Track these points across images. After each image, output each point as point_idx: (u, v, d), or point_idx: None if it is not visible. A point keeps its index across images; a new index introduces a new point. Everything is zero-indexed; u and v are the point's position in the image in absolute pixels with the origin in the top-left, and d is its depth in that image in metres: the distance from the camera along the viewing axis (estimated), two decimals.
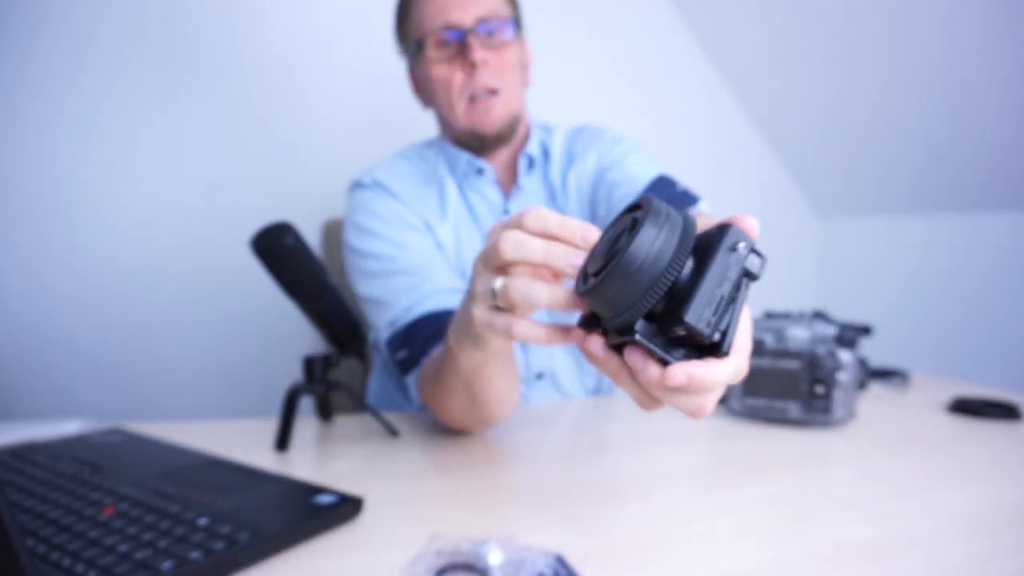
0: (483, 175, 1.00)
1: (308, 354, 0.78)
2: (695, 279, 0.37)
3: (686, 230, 0.38)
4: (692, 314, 0.36)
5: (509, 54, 0.95)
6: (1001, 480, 0.66)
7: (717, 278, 0.37)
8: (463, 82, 0.93)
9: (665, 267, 0.36)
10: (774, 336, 0.83)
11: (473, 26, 0.92)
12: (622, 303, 0.37)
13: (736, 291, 0.38)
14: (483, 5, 0.93)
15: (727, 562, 0.48)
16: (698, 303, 0.36)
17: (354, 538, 0.52)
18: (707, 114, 2.02)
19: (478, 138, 0.97)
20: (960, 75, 1.46)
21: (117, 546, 0.45)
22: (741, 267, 0.38)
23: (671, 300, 0.37)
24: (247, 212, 1.51)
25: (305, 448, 0.75)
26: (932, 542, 0.52)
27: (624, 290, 0.37)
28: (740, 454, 0.75)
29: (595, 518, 0.57)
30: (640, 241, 0.36)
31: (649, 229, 0.36)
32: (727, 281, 0.37)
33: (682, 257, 0.37)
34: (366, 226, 0.94)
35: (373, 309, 0.90)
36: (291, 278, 0.70)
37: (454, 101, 0.94)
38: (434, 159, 1.04)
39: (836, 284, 2.14)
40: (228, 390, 1.53)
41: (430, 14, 0.93)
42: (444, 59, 0.93)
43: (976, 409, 0.90)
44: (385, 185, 0.98)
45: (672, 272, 0.36)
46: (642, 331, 0.38)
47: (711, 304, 0.36)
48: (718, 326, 0.37)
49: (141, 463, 0.63)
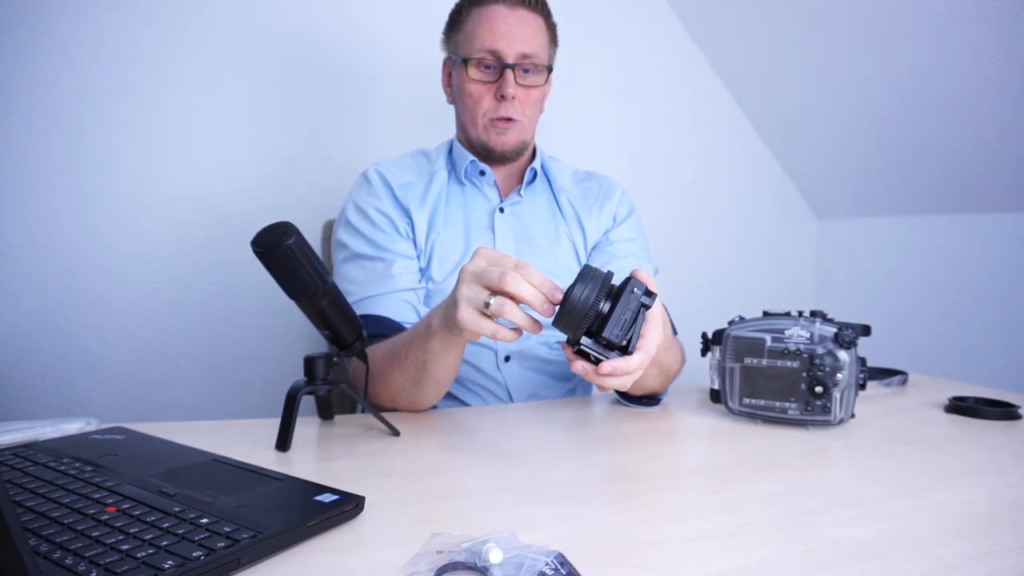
0: (484, 176, 1.12)
1: (308, 354, 0.78)
2: (611, 311, 0.62)
3: (604, 283, 0.63)
4: (607, 331, 0.62)
5: (536, 93, 1.08)
6: (999, 479, 0.66)
7: (622, 309, 0.62)
8: (490, 106, 1.05)
9: (589, 307, 0.62)
10: (773, 336, 0.83)
11: (515, 62, 1.03)
12: (570, 329, 0.63)
13: (636, 315, 0.63)
14: (529, 44, 1.04)
15: (727, 561, 0.49)
16: (611, 324, 0.62)
17: (355, 537, 0.52)
18: (706, 117, 2.02)
19: (487, 151, 1.09)
20: (957, 79, 1.46)
21: (119, 545, 0.45)
22: (638, 301, 0.63)
23: (600, 324, 0.62)
24: (248, 212, 1.52)
25: (306, 448, 0.75)
26: (931, 541, 0.52)
27: (570, 322, 0.63)
28: (740, 454, 0.75)
29: (595, 518, 0.57)
30: (575, 293, 0.62)
31: (580, 286, 0.62)
32: (629, 310, 0.62)
33: (599, 300, 0.62)
34: (353, 220, 1.07)
35: (342, 277, 1.04)
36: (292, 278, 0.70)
37: (477, 118, 1.07)
38: (435, 156, 1.15)
39: (834, 285, 2.14)
40: (229, 390, 1.53)
41: (481, 36, 1.04)
42: (480, 80, 1.05)
43: (974, 409, 0.90)
44: (384, 176, 1.09)
45: (593, 309, 0.62)
46: (587, 344, 0.63)
47: (619, 324, 0.62)
48: (625, 336, 0.62)
49: (143, 462, 0.63)
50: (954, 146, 1.60)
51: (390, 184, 1.08)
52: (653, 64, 1.93)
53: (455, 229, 1.08)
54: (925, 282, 1.81)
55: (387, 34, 1.61)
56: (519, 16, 1.04)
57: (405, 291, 1.02)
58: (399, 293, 1.01)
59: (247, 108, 1.51)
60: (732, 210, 2.08)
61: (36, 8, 1.33)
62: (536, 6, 1.06)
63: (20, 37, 1.33)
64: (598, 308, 0.62)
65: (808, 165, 2.07)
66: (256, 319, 1.54)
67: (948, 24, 1.40)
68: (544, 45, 1.07)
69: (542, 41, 1.06)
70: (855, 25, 1.56)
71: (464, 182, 1.12)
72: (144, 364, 1.46)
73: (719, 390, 0.89)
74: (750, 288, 2.10)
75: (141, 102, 1.42)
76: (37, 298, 1.38)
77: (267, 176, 1.53)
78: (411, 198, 1.07)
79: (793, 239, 2.17)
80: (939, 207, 1.76)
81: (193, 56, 1.45)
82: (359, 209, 1.07)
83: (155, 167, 1.45)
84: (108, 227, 1.42)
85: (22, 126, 1.35)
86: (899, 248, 1.89)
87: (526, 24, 1.04)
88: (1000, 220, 1.63)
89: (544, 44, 1.07)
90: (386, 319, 0.98)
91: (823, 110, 1.84)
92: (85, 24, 1.37)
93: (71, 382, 1.42)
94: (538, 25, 1.06)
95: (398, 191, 1.07)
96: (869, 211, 1.99)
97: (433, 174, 1.11)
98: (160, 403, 1.48)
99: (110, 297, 1.43)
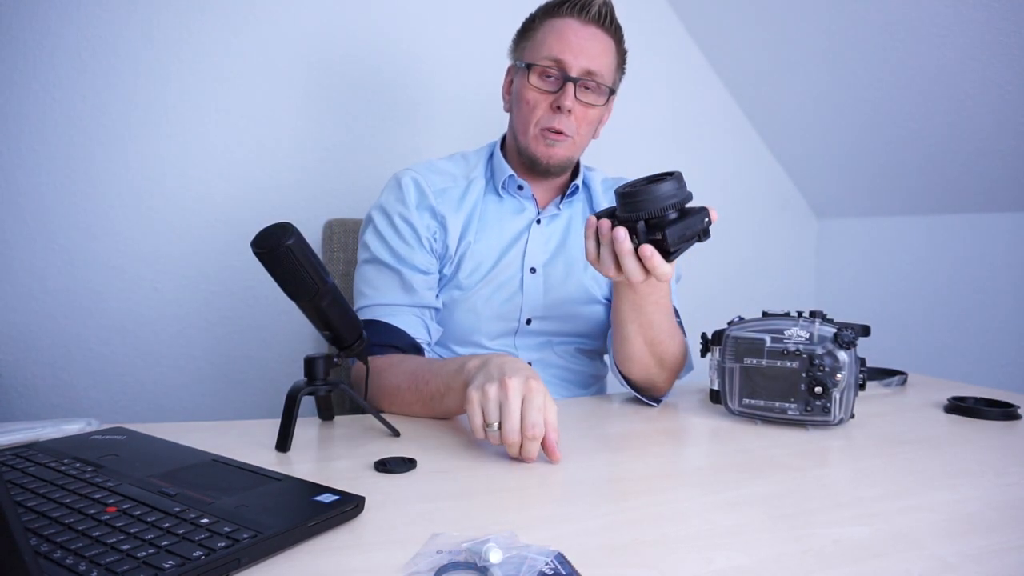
0: (523, 191, 1.12)
1: (308, 354, 0.78)
2: (678, 219, 0.73)
3: (684, 194, 0.74)
4: (671, 235, 0.73)
5: (593, 112, 1.06)
6: (998, 479, 0.67)
7: (688, 224, 0.73)
8: (545, 115, 1.04)
9: (668, 202, 0.72)
10: (773, 337, 0.84)
11: (578, 76, 1.02)
12: (638, 210, 0.73)
13: (693, 237, 0.74)
14: (595, 61, 1.03)
15: (727, 561, 0.49)
16: (675, 230, 0.73)
17: (355, 537, 0.52)
18: (706, 117, 2.02)
19: (533, 162, 1.08)
20: (957, 79, 1.46)
21: (120, 545, 0.45)
22: (703, 227, 0.75)
23: (662, 223, 0.73)
24: (248, 212, 1.52)
25: (306, 448, 0.76)
26: (930, 541, 0.52)
27: (643, 205, 0.73)
28: (740, 454, 0.76)
29: (595, 518, 0.57)
30: (665, 186, 0.72)
31: (672, 183, 0.73)
32: (691, 229, 0.74)
33: (676, 203, 0.73)
34: (378, 224, 1.07)
35: (361, 278, 1.05)
36: (292, 279, 0.70)
37: (530, 125, 1.05)
38: (475, 162, 1.15)
39: (834, 285, 2.14)
40: (229, 390, 1.53)
41: (549, 44, 1.03)
42: (540, 89, 1.04)
43: (973, 409, 0.90)
44: (419, 183, 1.08)
45: (670, 204, 0.73)
46: (640, 228, 0.74)
47: (679, 234, 0.73)
48: (677, 244, 0.73)
49: (143, 463, 0.63)
50: (954, 146, 1.60)
51: (424, 190, 1.07)
52: (653, 64, 1.93)
53: (489, 239, 1.08)
54: (925, 282, 1.81)
55: (391, 36, 1.61)
56: (591, 33, 1.03)
57: (421, 308, 1.03)
58: (414, 308, 1.02)
59: (247, 108, 1.51)
60: (732, 210, 2.08)
61: (36, 8, 1.33)
62: (610, 27, 1.05)
63: (20, 37, 1.33)
64: (671, 207, 0.72)
65: (808, 165, 2.07)
66: (256, 320, 1.54)
67: (948, 24, 1.40)
68: (611, 67, 1.06)
69: (609, 62, 1.05)
70: (855, 25, 1.56)
71: (501, 194, 1.12)
72: (144, 364, 1.46)
73: (719, 390, 0.89)
74: (750, 288, 2.10)
75: (141, 102, 1.42)
76: (37, 298, 1.38)
77: (267, 176, 1.53)
78: (447, 203, 1.07)
79: (793, 239, 2.17)
80: (939, 207, 1.76)
81: (194, 56, 1.45)
82: (386, 214, 1.06)
83: (155, 167, 1.45)
84: (108, 227, 1.42)
85: (22, 126, 1.35)
86: (899, 248, 1.89)
87: (596, 41, 1.03)
88: (1000, 220, 1.63)
89: (611, 66, 1.06)
90: (400, 331, 0.99)
91: (823, 110, 1.84)
92: (85, 24, 1.37)
93: (71, 382, 1.42)
94: (608, 46, 1.05)
95: (433, 197, 1.07)
96: (869, 211, 1.99)
97: (471, 180, 1.11)
98: (160, 403, 1.48)
99: (110, 297, 1.43)
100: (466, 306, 1.06)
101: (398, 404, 0.91)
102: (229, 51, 1.48)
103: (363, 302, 1.02)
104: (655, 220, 0.73)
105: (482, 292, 1.06)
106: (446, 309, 1.07)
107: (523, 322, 1.09)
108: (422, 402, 0.87)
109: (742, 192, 2.09)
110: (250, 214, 1.51)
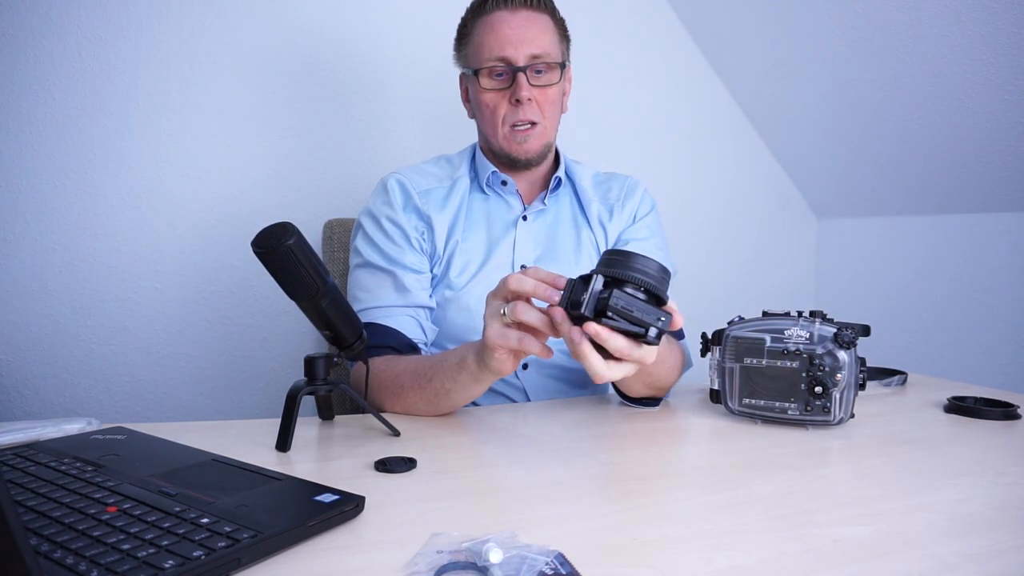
0: (507, 186, 1.12)
1: (308, 354, 0.78)
2: (638, 299, 0.63)
3: (662, 290, 0.65)
4: (616, 298, 0.62)
5: (553, 91, 1.06)
6: (998, 479, 0.67)
7: (642, 308, 0.62)
8: (508, 112, 1.05)
9: (650, 280, 0.63)
10: (773, 336, 0.84)
11: (525, 64, 1.02)
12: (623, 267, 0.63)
13: (635, 322, 0.63)
14: (537, 44, 1.03)
15: (727, 561, 0.49)
16: (625, 298, 0.62)
17: (355, 537, 0.52)
18: (706, 117, 2.02)
19: (511, 161, 1.08)
20: (957, 79, 1.46)
21: (120, 544, 0.45)
22: (652, 320, 0.63)
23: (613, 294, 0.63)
24: (248, 212, 1.52)
25: (306, 448, 0.76)
26: (930, 541, 0.52)
27: (636, 265, 0.63)
28: (740, 454, 0.76)
29: (595, 518, 0.57)
30: (655, 263, 0.64)
31: (660, 267, 0.64)
32: (640, 311, 0.63)
33: (654, 288, 0.64)
34: (367, 227, 1.07)
35: (354, 283, 1.05)
36: (292, 279, 0.70)
37: (498, 127, 1.06)
38: (458, 163, 1.15)
39: (834, 285, 2.14)
40: (229, 390, 1.53)
41: (488, 45, 1.03)
42: (494, 89, 1.05)
43: (973, 409, 0.90)
44: (404, 184, 1.09)
45: (647, 285, 0.63)
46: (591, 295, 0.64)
47: (627, 306, 0.62)
48: (615, 313, 0.62)
49: (144, 462, 0.63)
50: (954, 146, 1.60)
51: (409, 192, 1.08)
52: (653, 64, 1.93)
53: (476, 238, 1.09)
54: (925, 282, 1.81)
55: (391, 36, 1.61)
56: (523, 18, 1.03)
57: (415, 308, 1.03)
58: (409, 309, 1.02)
59: (248, 108, 1.51)
60: (732, 210, 2.08)
61: (36, 8, 1.33)
62: (539, 5, 1.05)
63: (20, 37, 1.33)
64: (644, 282, 0.63)
65: (808, 165, 2.07)
66: (256, 319, 1.54)
67: (948, 24, 1.40)
68: (554, 42, 1.06)
69: (551, 39, 1.05)
70: (855, 25, 1.56)
71: (487, 191, 1.12)
72: (144, 364, 1.46)
73: (719, 390, 0.89)
74: (750, 288, 2.10)
75: (142, 102, 1.42)
76: (37, 298, 1.38)
77: (267, 176, 1.53)
78: (432, 204, 1.08)
79: (793, 239, 2.17)
80: (939, 207, 1.76)
81: (194, 56, 1.45)
82: (374, 218, 1.07)
83: (155, 167, 1.45)
84: (108, 227, 1.42)
85: (22, 126, 1.35)
86: (899, 248, 1.89)
87: (531, 24, 1.03)
88: (1000, 220, 1.63)
89: (553, 41, 1.06)
90: (396, 332, 0.99)
91: (823, 110, 1.84)
92: (85, 24, 1.37)
93: (71, 382, 1.42)
94: (544, 23, 1.05)
95: (419, 198, 1.07)
96: (869, 211, 1.99)
97: (456, 180, 1.11)
98: (160, 403, 1.48)
99: (110, 297, 1.43)
100: (458, 305, 1.05)
101: (401, 403, 0.90)
102: (229, 51, 1.48)
103: (357, 306, 1.02)
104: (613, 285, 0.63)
105: (474, 291, 1.05)
106: (440, 309, 1.07)
107: None
108: (426, 400, 0.88)
109: (742, 192, 2.09)
110: (250, 214, 1.51)
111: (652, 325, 0.62)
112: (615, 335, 0.62)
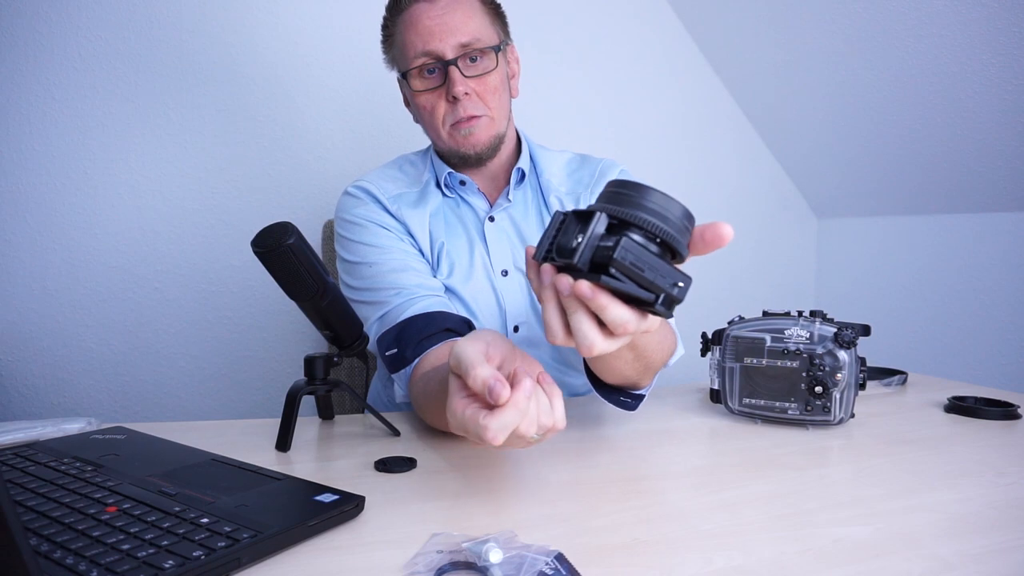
0: (465, 186, 1.03)
1: (309, 354, 0.78)
2: (652, 253, 0.47)
3: (680, 240, 0.48)
4: (623, 250, 0.45)
5: (493, 78, 0.95)
6: (998, 479, 0.67)
7: (657, 268, 0.46)
8: (447, 111, 0.95)
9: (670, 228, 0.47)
10: (773, 336, 0.83)
11: (455, 56, 0.92)
12: (636, 207, 0.47)
13: (645, 285, 0.47)
14: (464, 31, 0.92)
15: (727, 561, 0.49)
16: (634, 251, 0.46)
17: (355, 537, 0.52)
18: (706, 117, 2.02)
19: (461, 158, 0.99)
20: (957, 79, 1.46)
21: (120, 544, 0.45)
22: (667, 285, 0.47)
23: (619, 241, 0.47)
24: (248, 212, 1.52)
25: (306, 448, 0.76)
26: (930, 541, 0.52)
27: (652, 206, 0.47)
28: (739, 453, 0.76)
29: (595, 518, 0.57)
30: (676, 203, 0.48)
31: (681, 207, 0.48)
32: (653, 271, 0.46)
33: (672, 237, 0.48)
34: (347, 234, 0.98)
35: (361, 306, 0.93)
36: (292, 278, 0.70)
37: (438, 127, 0.97)
38: (421, 163, 1.07)
39: (834, 284, 2.14)
40: (229, 390, 1.53)
41: (411, 42, 0.93)
42: (428, 89, 0.95)
43: (973, 409, 0.90)
44: (369, 190, 1.01)
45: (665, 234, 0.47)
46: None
47: (637, 262, 0.46)
48: (620, 272, 0.46)
49: (144, 462, 0.63)
50: (953, 146, 1.60)
51: (379, 199, 0.99)
52: (652, 63, 1.93)
53: (456, 240, 1.01)
54: (925, 282, 1.81)
55: None
56: (443, 6, 0.92)
57: (436, 292, 0.93)
58: (432, 295, 0.91)
59: (248, 108, 1.51)
60: (732, 210, 2.08)
61: (36, 8, 1.33)
62: None
63: (20, 37, 1.33)
64: (664, 231, 0.47)
65: (808, 165, 2.07)
66: (256, 319, 1.54)
67: (948, 24, 1.40)
68: (484, 25, 0.95)
69: (479, 22, 0.94)
70: (856, 25, 1.56)
71: (448, 194, 1.03)
72: (144, 364, 1.47)
73: (719, 390, 0.89)
74: (750, 288, 2.10)
75: (141, 102, 1.42)
76: (37, 298, 1.38)
77: (267, 176, 1.53)
78: (405, 209, 0.99)
79: (793, 239, 2.17)
80: (939, 207, 1.76)
81: (194, 56, 1.45)
82: (349, 222, 0.98)
83: (155, 167, 1.45)
84: (108, 227, 1.42)
85: (22, 126, 1.35)
86: (899, 248, 1.89)
87: (454, 11, 0.92)
88: (1000, 220, 1.63)
89: (483, 24, 0.95)
90: (439, 313, 0.87)
91: (823, 110, 1.84)
92: (85, 24, 1.37)
93: (71, 382, 1.42)
94: (468, 6, 0.94)
95: (390, 204, 0.99)
96: (869, 211, 1.99)
97: (425, 182, 1.03)
98: (160, 403, 1.48)
99: (110, 297, 1.43)
100: (457, 304, 0.98)
101: (439, 422, 0.76)
102: (229, 51, 1.48)
103: (379, 312, 0.91)
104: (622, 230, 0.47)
105: (468, 291, 0.99)
106: None
107: (511, 331, 1.00)
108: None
109: (742, 192, 2.09)
110: (250, 214, 1.51)
111: (666, 291, 0.46)
112: (616, 303, 0.46)
